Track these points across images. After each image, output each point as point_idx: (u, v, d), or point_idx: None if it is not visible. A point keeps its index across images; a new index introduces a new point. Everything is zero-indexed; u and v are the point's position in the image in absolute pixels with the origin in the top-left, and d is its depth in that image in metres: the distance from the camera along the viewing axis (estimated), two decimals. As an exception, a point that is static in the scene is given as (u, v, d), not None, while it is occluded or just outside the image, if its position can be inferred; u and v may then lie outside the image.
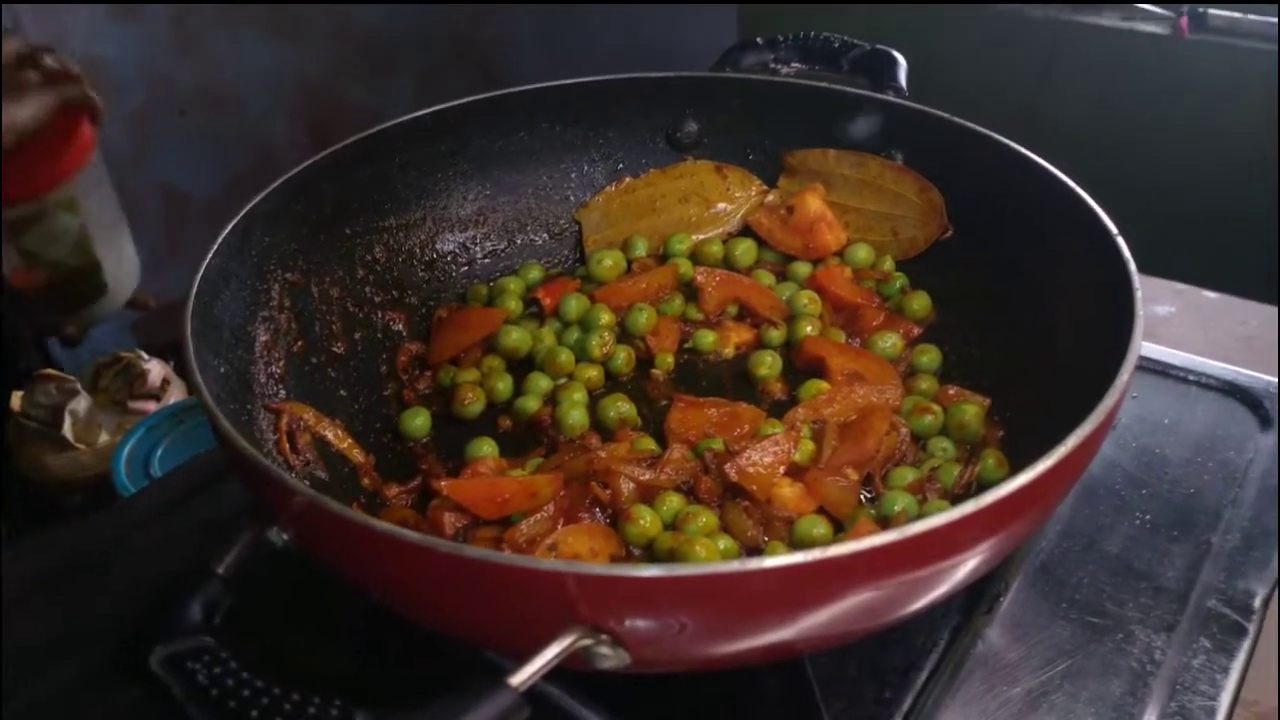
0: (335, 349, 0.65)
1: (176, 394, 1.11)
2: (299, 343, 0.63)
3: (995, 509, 0.39)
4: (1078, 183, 0.60)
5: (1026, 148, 0.64)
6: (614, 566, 0.44)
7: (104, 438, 1.04)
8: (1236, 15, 1.87)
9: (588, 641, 0.37)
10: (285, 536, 0.43)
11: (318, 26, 2.22)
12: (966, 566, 0.42)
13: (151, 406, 1.08)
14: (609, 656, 0.38)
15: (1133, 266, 0.53)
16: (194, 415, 1.05)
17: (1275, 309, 1.03)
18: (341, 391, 0.64)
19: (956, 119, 0.68)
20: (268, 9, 2.11)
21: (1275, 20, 1.82)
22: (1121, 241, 0.55)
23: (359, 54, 2.31)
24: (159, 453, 0.99)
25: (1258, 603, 0.58)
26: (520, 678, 0.35)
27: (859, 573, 0.38)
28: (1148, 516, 0.63)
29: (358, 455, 0.59)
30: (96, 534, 0.68)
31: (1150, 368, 0.76)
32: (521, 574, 0.37)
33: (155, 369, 1.10)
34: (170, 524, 0.68)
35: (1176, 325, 1.03)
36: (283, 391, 0.60)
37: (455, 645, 0.46)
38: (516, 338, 0.68)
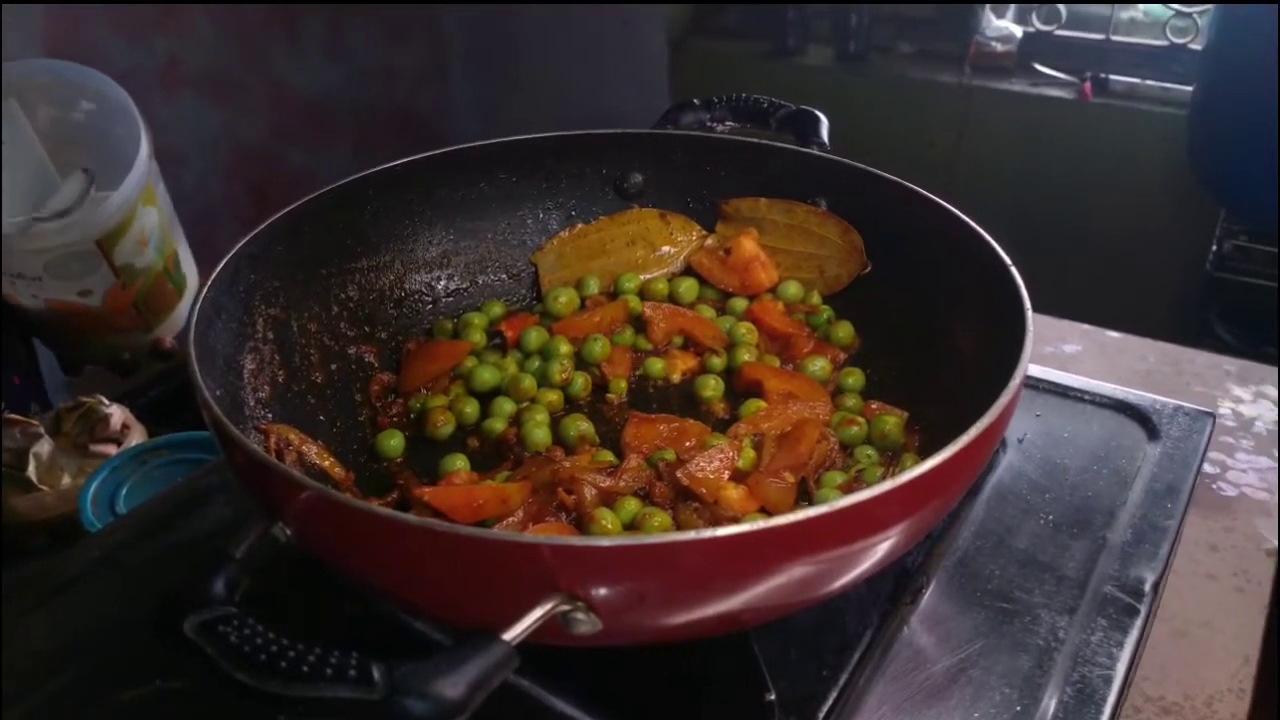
0: (314, 378, 0.71)
1: (136, 437, 1.14)
2: (281, 372, 0.68)
3: (910, 487, 0.46)
4: (983, 227, 0.67)
5: (941, 199, 0.71)
6: (585, 537, 0.50)
7: (66, 480, 1.07)
8: (1135, 81, 2.03)
9: (565, 607, 0.43)
10: (288, 532, 0.48)
11: (254, 92, 2.27)
12: (887, 542, 0.49)
13: (112, 450, 1.11)
14: (583, 621, 0.44)
15: (1024, 293, 0.61)
16: (155, 456, 1.08)
17: (1171, 346, 1.13)
18: (321, 416, 0.69)
19: (872, 169, 0.76)
20: (205, 74, 2.15)
21: (1170, 85, 1.98)
22: (1015, 271, 0.63)
23: (296, 119, 2.36)
24: (124, 492, 1.02)
25: (1147, 587, 0.65)
26: (512, 633, 0.41)
27: (794, 542, 0.45)
28: (1051, 517, 0.70)
29: (339, 472, 0.64)
30: (72, 562, 0.71)
31: (1053, 390, 0.84)
32: (507, 547, 0.43)
33: (116, 413, 1.12)
34: (142, 551, 0.72)
35: (1083, 362, 1.12)
36: (269, 415, 0.65)
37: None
38: (487, 377, 0.74)
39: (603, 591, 0.43)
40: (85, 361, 1.08)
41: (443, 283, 0.81)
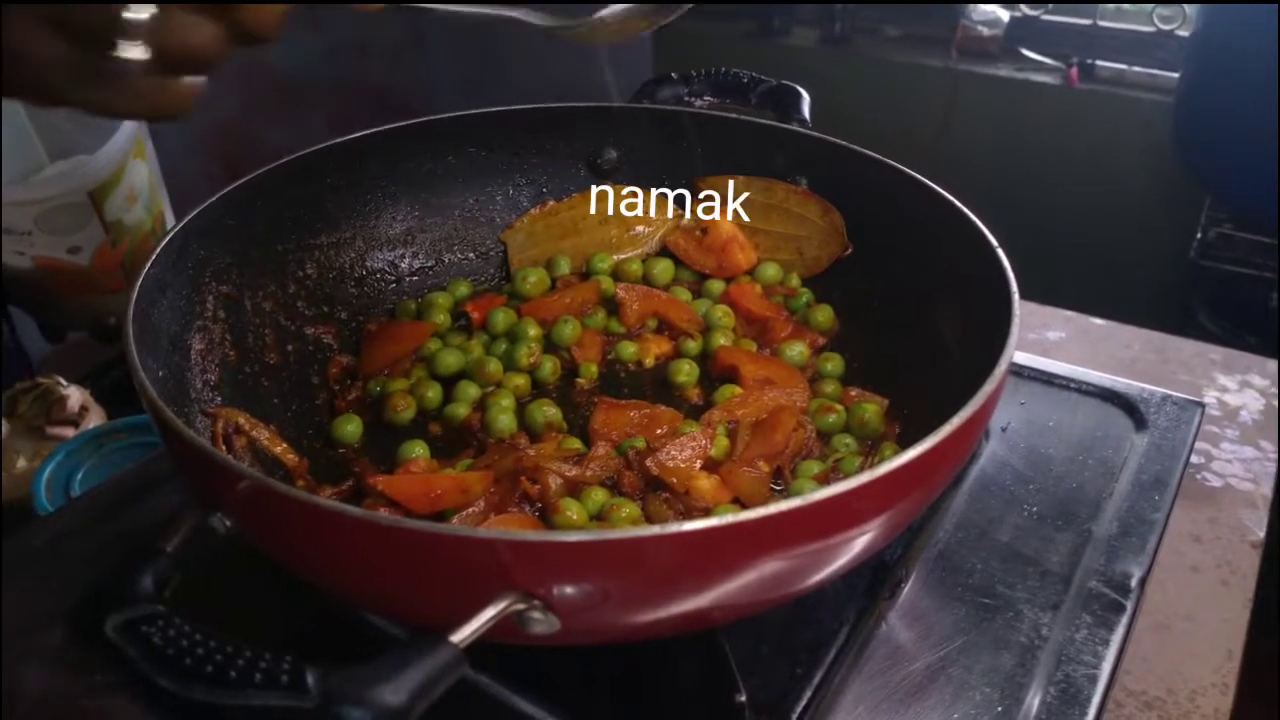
0: (268, 360, 0.67)
1: (94, 419, 1.10)
2: (233, 353, 0.65)
3: (890, 478, 0.43)
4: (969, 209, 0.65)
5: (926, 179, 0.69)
6: (544, 533, 0.47)
7: (21, 463, 1.03)
8: (1121, 67, 2.01)
9: (521, 606, 0.40)
10: (228, 523, 0.45)
11: (226, 68, 2.22)
12: (866, 536, 0.46)
13: (69, 432, 1.07)
14: (540, 621, 0.41)
15: (1011, 275, 0.58)
16: (113, 440, 1.04)
17: (1156, 333, 1.11)
18: (274, 400, 0.66)
19: (854, 147, 0.74)
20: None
21: (1156, 72, 1.96)
22: (1002, 253, 0.60)
23: (271, 96, 2.31)
24: (79, 476, 0.99)
25: (1134, 583, 0.63)
26: (460, 635, 0.38)
27: (768, 537, 0.42)
28: (1035, 509, 0.68)
29: (291, 459, 0.61)
30: (15, 549, 0.68)
31: (1037, 377, 0.82)
32: (459, 542, 0.40)
33: (74, 395, 1.09)
34: (92, 536, 0.68)
35: (1067, 349, 1.10)
36: (218, 398, 0.62)
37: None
38: (451, 360, 0.71)
39: (563, 590, 0.41)
40: (69, 328, 1.05)
41: (406, 261, 0.78)
